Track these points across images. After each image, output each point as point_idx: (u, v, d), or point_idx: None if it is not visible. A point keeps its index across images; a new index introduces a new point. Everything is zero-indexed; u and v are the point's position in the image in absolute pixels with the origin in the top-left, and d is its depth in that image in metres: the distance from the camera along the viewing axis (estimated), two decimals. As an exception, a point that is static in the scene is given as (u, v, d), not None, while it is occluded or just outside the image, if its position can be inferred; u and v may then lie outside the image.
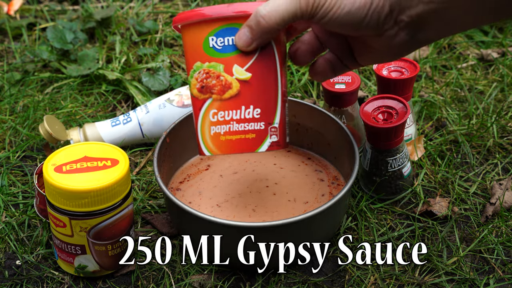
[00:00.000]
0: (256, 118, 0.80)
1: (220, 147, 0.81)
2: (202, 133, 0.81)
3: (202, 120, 0.80)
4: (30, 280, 0.93)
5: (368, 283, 0.91)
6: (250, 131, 0.80)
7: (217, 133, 0.80)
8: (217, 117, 0.80)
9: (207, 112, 0.80)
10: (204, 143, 0.82)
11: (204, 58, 0.79)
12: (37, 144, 1.14)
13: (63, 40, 1.28)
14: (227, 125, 0.80)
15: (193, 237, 0.93)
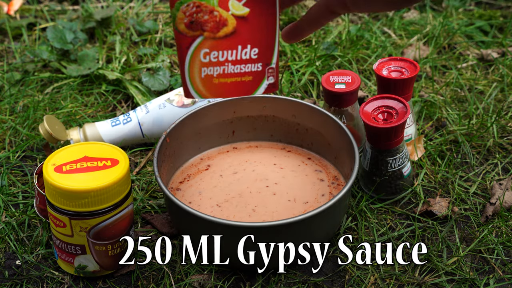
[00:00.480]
0: (253, 59, 0.73)
1: (212, 91, 0.74)
2: (191, 74, 0.73)
3: (190, 60, 0.72)
4: (30, 280, 0.93)
5: (368, 283, 0.91)
6: (247, 73, 0.73)
7: (209, 75, 0.73)
8: (209, 57, 0.72)
9: (197, 51, 0.71)
10: (193, 85, 0.73)
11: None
12: (37, 144, 1.14)
13: (63, 40, 1.28)
14: (221, 67, 0.72)
15: (193, 237, 0.93)
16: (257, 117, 1.06)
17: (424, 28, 1.38)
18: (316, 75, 1.24)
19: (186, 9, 0.70)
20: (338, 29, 1.36)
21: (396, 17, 1.42)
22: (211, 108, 1.04)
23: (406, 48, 1.33)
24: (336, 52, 1.28)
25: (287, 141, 1.07)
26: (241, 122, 1.06)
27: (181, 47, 0.72)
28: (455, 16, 1.42)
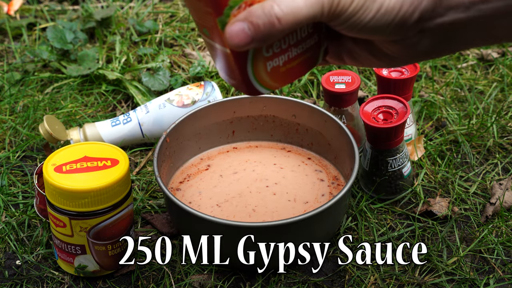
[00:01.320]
0: (310, 33, 0.68)
1: (281, 79, 0.70)
2: (256, 73, 0.68)
3: (253, 61, 0.67)
4: (30, 280, 0.93)
5: (368, 283, 0.91)
6: (308, 49, 0.69)
7: (275, 67, 0.68)
8: (272, 50, 0.67)
9: (258, 49, 0.66)
10: (260, 82, 0.69)
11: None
12: (37, 144, 1.14)
13: (63, 40, 1.28)
14: (286, 54, 0.68)
15: (193, 237, 0.93)
16: (257, 117, 1.06)
17: (424, 28, 1.38)
18: (316, 75, 1.24)
19: (238, 11, 0.64)
20: (338, 29, 1.36)
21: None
22: (211, 108, 1.04)
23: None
24: (336, 52, 1.28)
25: (287, 141, 1.07)
26: (241, 122, 1.06)
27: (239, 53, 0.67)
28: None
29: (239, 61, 0.66)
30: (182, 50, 1.33)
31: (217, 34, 0.65)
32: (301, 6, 0.61)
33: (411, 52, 0.66)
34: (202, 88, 1.13)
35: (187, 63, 1.30)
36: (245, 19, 0.62)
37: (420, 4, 0.63)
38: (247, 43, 0.62)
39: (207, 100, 1.11)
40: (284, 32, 0.62)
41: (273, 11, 0.61)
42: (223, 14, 0.63)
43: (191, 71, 1.25)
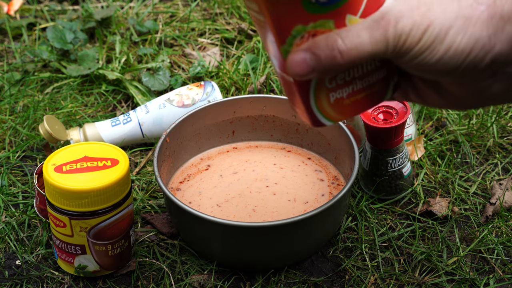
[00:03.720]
0: (377, 66, 0.67)
1: (345, 112, 0.68)
2: (318, 104, 0.66)
3: (315, 91, 0.66)
4: (30, 280, 0.93)
5: (368, 283, 0.91)
6: (375, 83, 0.67)
7: (339, 98, 0.66)
8: (335, 81, 0.66)
9: (321, 79, 0.65)
10: (322, 113, 0.67)
11: (306, 18, 0.62)
12: (37, 144, 1.14)
13: (63, 40, 1.28)
14: (350, 86, 0.66)
15: (193, 237, 0.93)
16: (257, 117, 1.06)
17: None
18: (316, 75, 1.24)
19: (301, 42, 0.63)
20: (338, 29, 1.36)
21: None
22: (211, 108, 1.04)
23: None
24: (336, 52, 1.28)
25: (287, 141, 1.07)
26: (241, 122, 1.06)
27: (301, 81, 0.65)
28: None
29: (302, 90, 0.65)
30: (182, 50, 1.33)
31: (281, 63, 0.65)
32: (365, 42, 0.60)
33: (482, 95, 0.63)
34: (202, 88, 1.13)
35: (187, 63, 1.30)
36: (308, 49, 0.61)
37: (493, 48, 0.59)
38: (307, 73, 0.61)
39: (207, 100, 1.11)
40: (347, 67, 0.61)
41: (336, 45, 0.60)
42: (286, 43, 0.63)
43: (191, 71, 1.25)
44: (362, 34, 0.60)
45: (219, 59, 1.30)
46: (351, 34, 0.60)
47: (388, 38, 0.60)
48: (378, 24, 0.60)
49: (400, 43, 0.60)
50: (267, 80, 1.23)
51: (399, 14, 0.60)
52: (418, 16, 0.60)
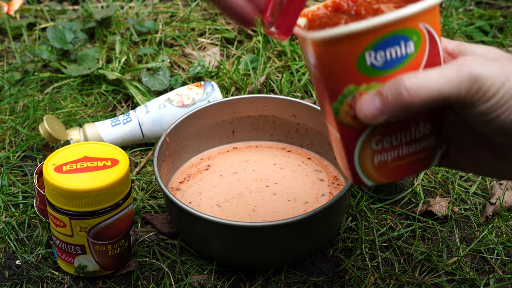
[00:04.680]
0: (426, 134, 0.66)
1: (387, 175, 0.67)
2: (362, 163, 0.66)
3: (360, 150, 0.65)
4: (30, 280, 0.92)
5: (368, 283, 0.91)
6: (422, 150, 0.66)
7: (383, 161, 0.66)
8: (382, 144, 0.65)
9: (367, 141, 0.64)
10: (364, 172, 0.67)
11: (360, 79, 0.61)
12: (37, 144, 1.14)
13: (63, 40, 1.28)
14: (396, 151, 0.66)
15: (193, 237, 0.93)
16: (257, 117, 1.06)
17: (424, 28, 1.38)
18: (316, 75, 1.24)
19: (352, 101, 0.62)
20: (338, 29, 1.36)
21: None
22: (211, 108, 1.04)
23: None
24: (336, 52, 1.28)
25: (287, 141, 1.07)
26: (241, 122, 1.06)
27: (348, 138, 0.65)
28: (455, 16, 1.42)
29: (348, 148, 0.65)
30: (182, 50, 1.33)
31: (330, 117, 0.65)
32: (434, 80, 0.56)
33: None
34: (202, 88, 1.13)
35: (187, 63, 1.30)
36: (376, 92, 0.59)
37: None
38: (376, 115, 0.59)
39: (207, 100, 1.11)
40: (415, 108, 0.58)
41: (403, 84, 0.57)
42: (336, 100, 0.63)
43: (191, 71, 1.25)
44: (432, 73, 0.56)
45: (219, 59, 1.30)
46: (419, 74, 0.57)
47: (462, 78, 0.55)
48: (450, 64, 0.56)
49: (474, 88, 0.54)
50: (267, 80, 1.23)
51: (476, 59, 0.56)
52: (496, 66, 0.55)
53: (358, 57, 0.60)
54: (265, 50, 1.31)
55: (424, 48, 0.61)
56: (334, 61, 0.61)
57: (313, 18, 0.65)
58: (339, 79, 0.62)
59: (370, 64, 0.60)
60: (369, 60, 0.60)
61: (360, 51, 0.60)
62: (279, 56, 1.31)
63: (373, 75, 0.61)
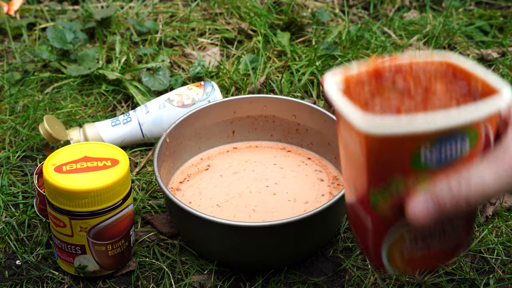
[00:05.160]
0: (459, 231, 0.64)
1: (411, 266, 0.65)
2: (390, 253, 0.63)
3: (391, 241, 0.63)
4: (30, 280, 0.92)
5: (368, 283, 0.91)
6: (452, 246, 0.65)
7: (411, 255, 0.64)
8: (414, 241, 0.63)
9: (401, 235, 0.62)
10: (390, 261, 0.64)
11: (409, 172, 0.58)
12: (37, 144, 1.14)
13: (63, 40, 1.28)
14: (427, 248, 0.64)
15: (193, 237, 0.93)
16: (257, 117, 1.06)
17: (424, 28, 1.38)
18: (316, 75, 1.24)
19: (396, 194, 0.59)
20: (338, 29, 1.36)
21: (396, 17, 1.42)
22: (211, 108, 1.04)
23: (406, 48, 1.33)
24: (336, 52, 1.28)
25: (287, 141, 1.07)
26: (241, 122, 1.06)
27: (380, 226, 0.62)
28: (455, 16, 1.42)
29: (377, 235, 0.63)
30: (182, 50, 1.33)
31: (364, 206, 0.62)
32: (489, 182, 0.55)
33: None
34: (202, 88, 1.13)
35: (187, 63, 1.30)
36: (429, 197, 0.57)
37: None
38: (431, 221, 0.57)
39: (207, 100, 1.11)
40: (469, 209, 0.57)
41: (459, 191, 0.56)
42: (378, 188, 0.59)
43: (191, 71, 1.25)
44: (486, 174, 0.55)
45: (219, 59, 1.30)
46: (473, 175, 0.55)
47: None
48: (502, 161, 0.55)
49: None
50: (267, 80, 1.23)
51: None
52: None
53: (413, 153, 0.56)
54: (265, 50, 1.31)
55: (479, 146, 0.58)
56: (385, 154, 0.57)
57: (351, 85, 0.61)
58: (386, 170, 0.58)
59: (424, 160, 0.57)
60: (424, 156, 0.56)
61: (416, 148, 0.56)
62: (279, 56, 1.31)
63: (423, 169, 0.57)
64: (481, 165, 0.56)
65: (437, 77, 0.60)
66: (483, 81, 0.59)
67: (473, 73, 0.60)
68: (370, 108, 0.58)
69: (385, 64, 0.61)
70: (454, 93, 0.59)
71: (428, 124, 0.54)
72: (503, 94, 0.57)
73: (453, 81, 0.60)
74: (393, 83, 0.60)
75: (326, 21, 1.40)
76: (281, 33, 1.35)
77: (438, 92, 0.59)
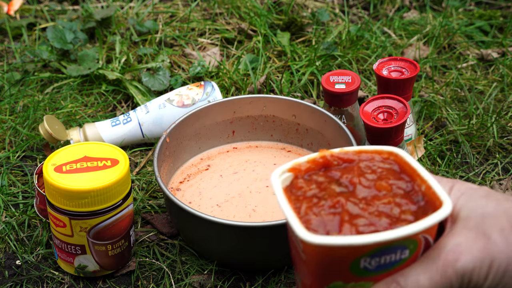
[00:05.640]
0: None
1: None
2: None
3: None
4: (30, 280, 0.92)
5: (368, 283, 0.91)
6: None
7: None
8: None
9: None
10: None
11: (350, 278, 0.60)
12: (37, 144, 1.14)
13: (63, 40, 1.28)
14: None
15: (193, 237, 0.93)
16: (257, 117, 1.06)
17: (424, 28, 1.38)
18: (316, 75, 1.24)
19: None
20: (338, 29, 1.36)
21: (396, 17, 1.42)
22: (211, 108, 1.04)
23: (406, 48, 1.33)
24: (336, 52, 1.28)
25: (287, 141, 1.07)
26: (241, 122, 1.06)
27: None
28: (455, 16, 1.42)
29: None
30: (182, 50, 1.33)
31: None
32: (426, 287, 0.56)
33: None
34: (202, 88, 1.13)
35: (187, 63, 1.30)
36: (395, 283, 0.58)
37: None
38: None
39: (207, 100, 1.11)
40: None
41: None
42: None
43: (191, 71, 1.25)
44: (421, 279, 0.56)
45: (219, 59, 1.30)
46: (410, 281, 0.56)
47: (450, 279, 0.56)
48: (435, 265, 0.56)
49: (464, 283, 0.56)
50: (267, 80, 1.23)
51: (457, 250, 0.56)
52: (477, 251, 0.55)
53: (352, 261, 0.58)
54: (265, 50, 1.31)
55: (418, 252, 0.60)
56: (326, 261, 0.59)
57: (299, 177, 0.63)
58: (328, 275, 0.60)
59: (363, 267, 0.59)
60: (363, 264, 0.58)
61: (356, 257, 0.58)
62: (279, 56, 1.31)
63: (363, 276, 0.59)
64: (417, 268, 0.57)
65: (382, 172, 0.63)
66: (427, 185, 0.60)
67: (419, 173, 0.61)
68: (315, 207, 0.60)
69: (334, 155, 0.64)
70: (397, 193, 0.61)
71: (368, 239, 0.56)
72: (446, 207, 0.58)
73: (398, 178, 0.62)
74: (339, 178, 0.62)
75: (326, 21, 1.40)
76: (281, 33, 1.35)
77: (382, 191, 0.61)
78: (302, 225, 0.58)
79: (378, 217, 0.59)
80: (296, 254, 0.62)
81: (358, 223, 0.59)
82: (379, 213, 0.60)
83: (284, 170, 0.64)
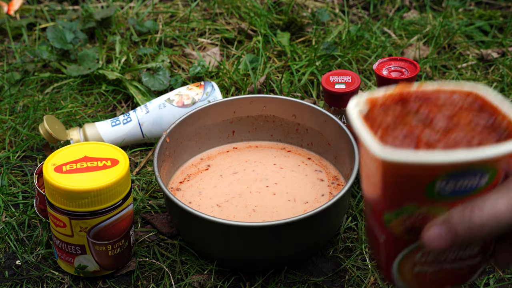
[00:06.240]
0: (474, 254, 0.63)
1: (421, 284, 0.65)
2: (400, 269, 0.64)
3: (403, 259, 0.63)
4: (30, 280, 0.93)
5: (368, 283, 0.91)
6: (465, 267, 0.64)
7: (422, 272, 0.64)
8: (425, 258, 0.63)
9: (412, 253, 0.62)
10: (401, 278, 0.65)
11: (424, 201, 0.58)
12: (37, 144, 1.14)
13: (63, 40, 1.28)
14: (438, 266, 0.64)
15: (193, 237, 0.93)
16: (257, 117, 1.06)
17: (424, 28, 1.38)
18: (316, 75, 1.24)
19: (407, 218, 0.60)
20: (338, 29, 1.36)
21: (396, 17, 1.42)
22: (211, 108, 1.04)
23: (406, 48, 1.33)
24: (336, 52, 1.28)
25: (287, 141, 1.08)
26: (241, 122, 1.06)
27: (394, 245, 0.63)
28: (455, 16, 1.42)
29: (391, 252, 0.63)
30: (182, 50, 1.33)
31: (378, 220, 0.62)
32: (503, 211, 0.56)
33: None
34: (202, 88, 1.13)
35: (187, 63, 1.30)
36: (443, 224, 0.58)
37: None
38: (444, 248, 0.58)
39: (207, 100, 1.11)
40: (484, 238, 0.58)
41: (473, 218, 0.56)
42: (392, 212, 0.60)
43: (191, 71, 1.25)
44: (499, 202, 0.56)
45: (219, 59, 1.30)
46: (487, 204, 0.56)
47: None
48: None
49: None
50: (267, 80, 1.23)
51: None
52: None
53: (429, 183, 0.57)
54: (265, 50, 1.31)
55: (497, 182, 0.59)
56: (401, 181, 0.57)
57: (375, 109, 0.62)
58: (401, 196, 0.59)
59: (438, 190, 0.57)
60: (439, 187, 0.57)
61: (433, 179, 0.56)
62: (279, 56, 1.31)
63: (437, 200, 0.58)
64: (494, 194, 0.57)
65: (462, 108, 0.61)
66: (510, 120, 0.59)
67: (500, 109, 0.60)
68: (391, 134, 0.59)
69: (412, 91, 0.62)
70: (477, 125, 0.59)
71: (445, 157, 0.55)
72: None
73: (479, 113, 0.61)
74: (417, 111, 0.61)
75: (326, 21, 1.40)
76: (281, 33, 1.35)
77: (461, 124, 0.60)
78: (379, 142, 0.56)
79: (456, 146, 0.58)
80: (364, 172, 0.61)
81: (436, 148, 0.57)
82: (457, 142, 0.58)
83: (360, 101, 0.62)
